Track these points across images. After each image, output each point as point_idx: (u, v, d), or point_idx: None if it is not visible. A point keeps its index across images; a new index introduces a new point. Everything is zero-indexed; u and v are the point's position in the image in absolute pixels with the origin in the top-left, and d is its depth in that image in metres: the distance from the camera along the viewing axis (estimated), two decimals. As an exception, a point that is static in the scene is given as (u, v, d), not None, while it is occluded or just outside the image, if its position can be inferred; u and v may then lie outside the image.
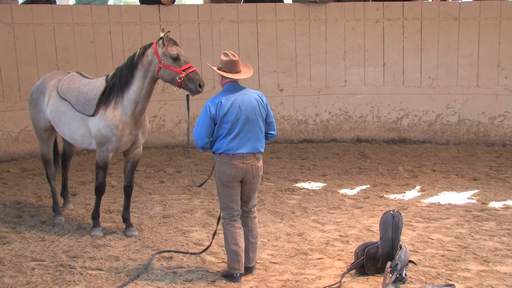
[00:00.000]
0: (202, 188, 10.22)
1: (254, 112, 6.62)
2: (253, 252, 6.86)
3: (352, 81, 13.47)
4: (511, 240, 7.75)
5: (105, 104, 7.85)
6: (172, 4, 12.89)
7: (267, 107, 6.79)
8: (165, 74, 7.58)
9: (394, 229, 6.68)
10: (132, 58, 7.82)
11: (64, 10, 12.66)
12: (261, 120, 6.69)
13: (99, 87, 8.01)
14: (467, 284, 6.48)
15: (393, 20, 13.29)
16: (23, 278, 6.79)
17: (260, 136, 6.70)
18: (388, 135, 13.49)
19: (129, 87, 7.77)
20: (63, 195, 9.31)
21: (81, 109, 8.01)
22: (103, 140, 7.87)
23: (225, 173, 6.63)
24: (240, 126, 6.56)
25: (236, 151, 6.57)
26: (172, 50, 7.55)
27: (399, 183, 10.44)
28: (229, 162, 6.59)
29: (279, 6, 13.40)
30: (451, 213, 8.89)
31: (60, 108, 8.27)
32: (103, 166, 8.04)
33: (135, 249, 7.62)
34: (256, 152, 6.66)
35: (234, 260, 6.67)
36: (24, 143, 12.18)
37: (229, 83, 6.76)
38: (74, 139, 8.27)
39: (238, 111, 6.56)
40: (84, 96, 8.03)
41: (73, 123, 8.13)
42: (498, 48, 13.07)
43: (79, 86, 8.20)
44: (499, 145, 13.12)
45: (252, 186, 6.78)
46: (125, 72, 7.81)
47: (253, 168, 6.65)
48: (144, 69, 7.70)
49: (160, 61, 7.56)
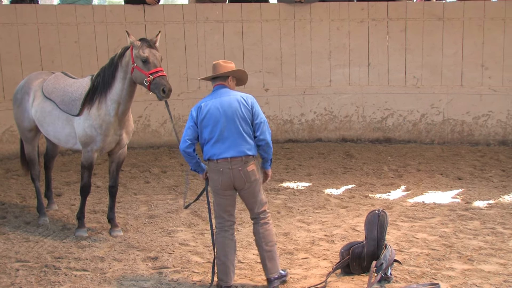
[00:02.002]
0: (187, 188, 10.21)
1: (234, 114, 6.40)
2: (271, 261, 6.49)
3: (337, 81, 13.50)
4: (495, 239, 7.80)
5: (89, 104, 7.80)
6: (157, 4, 12.85)
7: (253, 108, 6.51)
8: (137, 76, 7.49)
9: (379, 228, 6.70)
10: (113, 58, 7.78)
11: (48, 10, 12.59)
12: (244, 122, 6.42)
13: (84, 87, 7.97)
14: (452, 283, 6.51)
15: (377, 20, 13.33)
16: (7, 279, 6.75)
17: (246, 139, 6.42)
18: (373, 134, 13.53)
19: (111, 87, 7.73)
20: (47, 196, 9.26)
21: (66, 109, 7.97)
22: (87, 140, 7.84)
23: (213, 180, 6.46)
24: (220, 129, 6.38)
25: (220, 156, 6.38)
26: (143, 52, 7.41)
27: (384, 183, 10.47)
28: (216, 168, 6.41)
29: (264, 6, 13.40)
30: (435, 212, 8.93)
31: (45, 108, 8.21)
32: (88, 166, 7.99)
33: (120, 249, 7.60)
34: (242, 156, 6.39)
35: (221, 271, 6.45)
36: (8, 143, 12.10)
37: (215, 86, 6.64)
38: (59, 139, 8.23)
39: (217, 113, 6.39)
40: (69, 96, 7.99)
41: (58, 123, 8.08)
42: (482, 48, 13.15)
43: (64, 86, 8.16)
44: (483, 144, 13.20)
45: (247, 192, 6.49)
46: (107, 72, 7.76)
47: (241, 172, 6.37)
48: (123, 70, 7.65)
49: (133, 62, 7.49)
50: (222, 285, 6.45)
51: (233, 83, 6.73)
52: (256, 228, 6.56)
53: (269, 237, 6.53)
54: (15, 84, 11.96)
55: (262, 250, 6.52)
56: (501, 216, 8.70)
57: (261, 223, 6.53)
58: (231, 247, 6.50)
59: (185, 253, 7.44)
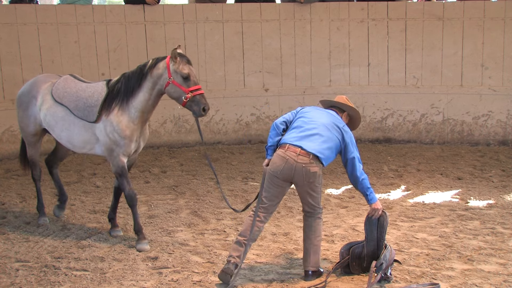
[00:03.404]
0: (187, 188, 10.23)
1: (330, 126, 6.71)
2: (315, 255, 6.67)
3: (337, 81, 13.49)
4: (495, 239, 7.80)
5: (107, 110, 7.64)
6: (156, 4, 12.86)
7: (351, 140, 6.78)
8: (172, 91, 7.48)
9: (380, 229, 6.70)
10: (143, 68, 7.64)
11: (48, 10, 12.60)
12: (332, 138, 6.69)
13: (100, 92, 7.77)
14: (452, 283, 6.51)
15: (377, 20, 13.34)
16: (7, 279, 6.75)
17: (325, 148, 6.61)
18: (373, 134, 13.54)
19: (134, 96, 7.61)
20: (61, 201, 8.89)
21: (81, 115, 7.77)
22: (112, 146, 7.65)
23: (275, 165, 6.57)
24: (310, 125, 6.69)
25: (294, 143, 6.58)
26: (183, 69, 7.41)
27: (384, 183, 10.48)
28: (283, 155, 6.54)
29: (264, 6, 13.40)
30: (435, 212, 8.94)
31: (57, 113, 7.98)
32: (122, 172, 7.74)
33: (120, 249, 7.59)
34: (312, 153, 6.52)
35: (234, 249, 6.58)
36: (8, 143, 12.10)
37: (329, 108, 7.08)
38: (73, 144, 7.99)
39: (317, 116, 6.77)
40: (84, 101, 7.80)
41: (73, 129, 7.86)
42: (482, 48, 13.15)
43: (77, 91, 7.95)
44: (483, 144, 13.20)
45: (304, 190, 6.63)
46: (133, 81, 7.62)
47: (303, 169, 6.48)
48: (152, 81, 7.56)
49: (169, 77, 7.44)
50: (227, 259, 6.55)
51: (346, 120, 7.03)
52: (309, 221, 6.72)
53: (318, 232, 6.72)
54: (15, 84, 12.02)
55: (309, 243, 6.67)
56: (501, 216, 8.71)
57: (316, 217, 6.71)
58: (253, 233, 6.60)
59: (185, 253, 7.44)
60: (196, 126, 13.00)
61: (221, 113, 13.22)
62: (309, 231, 6.70)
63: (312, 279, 6.64)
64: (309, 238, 6.69)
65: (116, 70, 12.66)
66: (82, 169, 11.29)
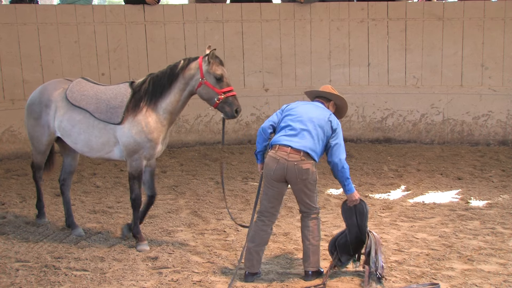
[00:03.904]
0: (187, 188, 10.24)
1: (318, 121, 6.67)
2: (314, 255, 6.69)
3: (337, 81, 13.48)
4: (495, 239, 7.80)
5: (133, 111, 7.52)
6: (156, 4, 12.86)
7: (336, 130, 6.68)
8: (204, 92, 7.45)
9: (359, 215, 6.71)
10: (174, 68, 7.56)
11: (48, 10, 12.60)
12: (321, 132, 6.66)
13: (124, 94, 7.63)
14: (452, 283, 6.51)
15: (377, 20, 13.34)
16: (7, 279, 6.75)
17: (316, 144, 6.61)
18: (373, 134, 13.53)
19: (164, 97, 7.54)
20: (69, 223, 8.35)
21: (103, 117, 7.58)
22: (136, 148, 7.53)
23: (268, 167, 6.63)
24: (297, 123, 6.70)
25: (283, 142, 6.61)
26: (217, 70, 7.39)
27: (384, 183, 10.48)
28: (274, 156, 6.59)
29: (264, 6, 13.40)
30: (435, 212, 8.94)
31: (74, 117, 7.74)
32: (138, 175, 7.66)
33: (120, 249, 7.59)
34: (302, 151, 6.53)
35: (246, 258, 6.69)
36: (8, 143, 12.10)
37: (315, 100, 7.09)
38: (91, 147, 7.74)
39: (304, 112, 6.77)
40: (106, 103, 7.60)
41: (92, 131, 7.65)
42: (482, 48, 13.16)
43: (96, 93, 7.74)
44: (483, 144, 13.21)
45: (298, 189, 6.61)
46: (163, 81, 7.54)
47: (295, 167, 6.50)
48: (184, 82, 7.50)
49: (202, 77, 7.40)
50: (246, 270, 6.68)
51: (332, 110, 7.00)
52: (306, 222, 6.73)
53: (317, 232, 6.73)
54: (15, 84, 12.03)
55: (308, 244, 6.69)
56: (501, 216, 8.71)
57: (312, 217, 6.71)
58: (261, 237, 6.67)
59: (185, 253, 7.44)
60: (195, 128, 13.08)
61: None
62: (307, 232, 6.71)
63: (312, 279, 6.65)
64: (308, 239, 6.70)
65: (116, 70, 12.67)
66: (82, 169, 11.29)
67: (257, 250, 6.67)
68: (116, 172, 11.24)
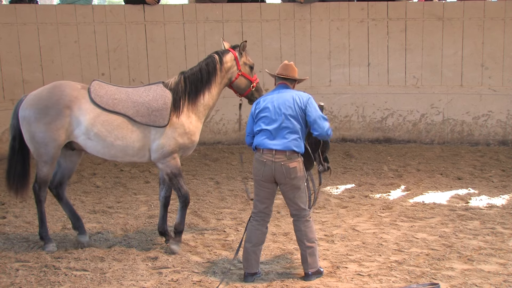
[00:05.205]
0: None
1: (287, 110, 6.61)
2: (312, 257, 6.67)
3: (337, 81, 13.49)
4: (494, 239, 7.80)
5: (176, 112, 7.44)
6: (156, 4, 12.86)
7: (307, 107, 6.63)
8: (241, 82, 7.75)
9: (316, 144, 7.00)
10: (210, 64, 7.61)
11: (48, 10, 12.61)
12: (294, 119, 6.61)
13: (164, 95, 7.44)
14: (452, 283, 6.51)
15: (377, 20, 13.33)
16: (7, 279, 6.75)
17: (295, 135, 6.60)
18: (373, 134, 13.53)
19: (205, 93, 7.58)
20: (77, 227, 7.87)
21: (146, 121, 7.33)
22: (175, 149, 7.47)
23: (256, 170, 6.69)
24: (270, 122, 6.63)
25: (266, 146, 6.60)
26: (250, 60, 7.78)
27: (384, 183, 10.47)
28: (260, 159, 6.63)
29: (264, 6, 13.41)
30: (435, 212, 8.94)
31: (112, 122, 7.32)
32: (179, 172, 7.60)
33: (120, 249, 7.59)
34: (287, 150, 6.55)
35: (244, 258, 6.72)
36: (8, 143, 11.95)
37: (279, 84, 6.95)
38: (126, 152, 7.44)
39: (272, 107, 6.66)
40: (146, 106, 7.34)
41: (131, 136, 7.37)
42: (482, 48, 13.16)
43: (129, 97, 7.43)
44: (483, 144, 13.20)
45: (287, 188, 6.64)
46: (202, 78, 7.56)
47: (283, 167, 6.53)
48: (222, 76, 7.66)
49: (239, 69, 7.67)
50: (244, 271, 6.71)
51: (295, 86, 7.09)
52: (298, 225, 6.74)
53: (311, 234, 6.73)
54: (15, 84, 12.03)
55: (303, 246, 6.70)
56: (501, 216, 8.70)
57: (303, 220, 6.72)
58: (257, 237, 6.71)
59: (185, 253, 7.44)
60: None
61: (221, 113, 13.21)
62: (301, 235, 6.72)
63: (313, 279, 6.65)
64: (303, 242, 6.71)
65: (116, 70, 12.67)
66: (82, 169, 11.29)
67: (255, 250, 6.69)
68: (116, 172, 11.24)
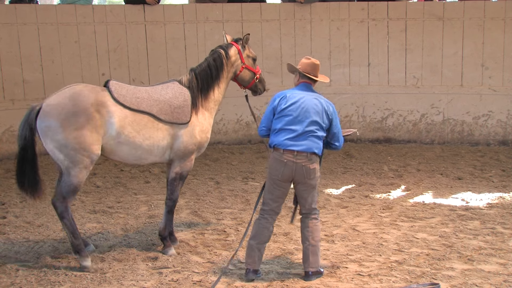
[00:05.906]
0: (187, 188, 10.22)
1: (316, 115, 6.64)
2: (314, 256, 6.69)
3: (337, 81, 13.49)
4: (495, 239, 7.80)
5: (194, 109, 7.41)
6: (157, 4, 12.86)
7: (333, 119, 6.74)
8: (245, 75, 7.87)
9: None
10: (217, 59, 7.65)
11: (48, 10, 12.60)
12: (320, 125, 6.65)
13: (181, 92, 7.37)
14: (452, 283, 6.51)
15: (378, 20, 13.34)
16: (7, 279, 6.75)
17: (317, 139, 6.66)
18: (373, 134, 13.53)
19: (214, 89, 7.62)
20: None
21: (169, 118, 7.23)
22: (194, 148, 7.42)
23: (274, 169, 6.67)
24: (297, 123, 6.62)
25: (288, 147, 6.59)
26: (252, 52, 7.92)
27: (384, 183, 10.48)
28: (280, 159, 6.62)
29: (264, 6, 13.41)
30: (435, 212, 8.94)
31: (139, 122, 7.12)
32: (187, 175, 7.60)
33: (120, 249, 7.59)
34: (308, 152, 6.59)
35: (247, 254, 6.73)
36: (8, 143, 12.09)
37: (303, 83, 6.96)
38: (151, 152, 7.26)
39: (301, 108, 6.65)
40: (169, 103, 7.25)
41: (157, 134, 7.22)
42: (482, 48, 13.15)
43: (150, 95, 7.27)
44: (483, 144, 13.20)
45: (304, 188, 6.71)
46: (212, 73, 7.60)
47: (304, 168, 6.58)
48: (228, 70, 7.74)
49: (243, 62, 7.80)
50: (247, 267, 6.72)
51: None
52: (306, 222, 6.79)
53: (316, 233, 6.77)
54: (15, 84, 12.02)
55: (307, 244, 6.73)
56: (501, 216, 8.70)
57: (311, 217, 6.79)
58: (264, 235, 6.73)
59: (185, 253, 7.44)
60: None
61: (221, 113, 13.20)
62: (307, 232, 6.75)
63: (313, 279, 6.66)
64: (307, 239, 6.73)
65: (116, 70, 12.67)
66: (82, 169, 11.27)
67: (259, 247, 6.71)
68: (116, 172, 11.24)
